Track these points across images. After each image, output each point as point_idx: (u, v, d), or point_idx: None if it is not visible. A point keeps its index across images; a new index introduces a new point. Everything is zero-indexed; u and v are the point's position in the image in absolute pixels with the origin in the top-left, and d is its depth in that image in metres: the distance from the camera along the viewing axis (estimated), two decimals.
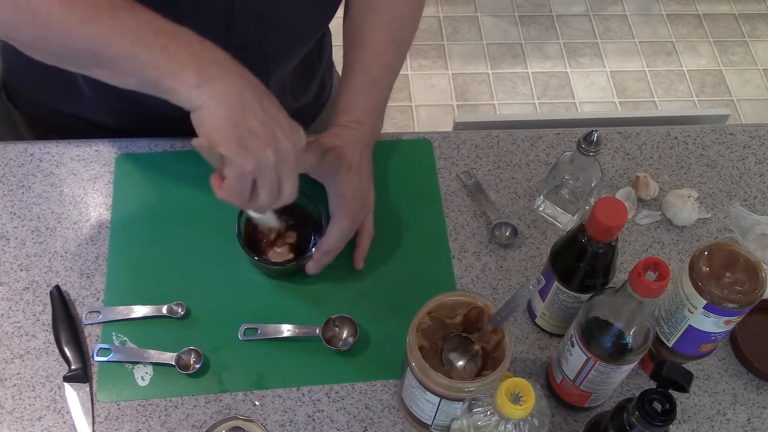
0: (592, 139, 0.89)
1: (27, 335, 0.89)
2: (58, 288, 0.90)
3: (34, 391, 0.85)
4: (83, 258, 0.94)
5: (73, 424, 0.83)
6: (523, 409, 0.65)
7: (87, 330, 0.89)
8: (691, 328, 0.83)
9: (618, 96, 2.56)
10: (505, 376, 0.73)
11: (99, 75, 0.75)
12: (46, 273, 0.93)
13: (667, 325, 0.86)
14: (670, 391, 0.69)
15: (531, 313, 0.94)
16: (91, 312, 0.90)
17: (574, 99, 2.54)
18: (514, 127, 1.12)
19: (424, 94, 2.50)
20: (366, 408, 0.87)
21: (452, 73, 2.56)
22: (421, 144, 1.08)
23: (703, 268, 0.79)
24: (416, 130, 2.34)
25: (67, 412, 0.84)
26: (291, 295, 0.94)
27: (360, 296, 0.94)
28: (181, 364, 0.87)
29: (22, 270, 0.93)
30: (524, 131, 1.11)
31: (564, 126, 1.13)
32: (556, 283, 0.84)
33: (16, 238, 0.95)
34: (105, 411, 0.85)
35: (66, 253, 0.94)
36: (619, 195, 1.04)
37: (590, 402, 0.85)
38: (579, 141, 0.90)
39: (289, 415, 0.86)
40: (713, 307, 0.79)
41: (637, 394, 0.69)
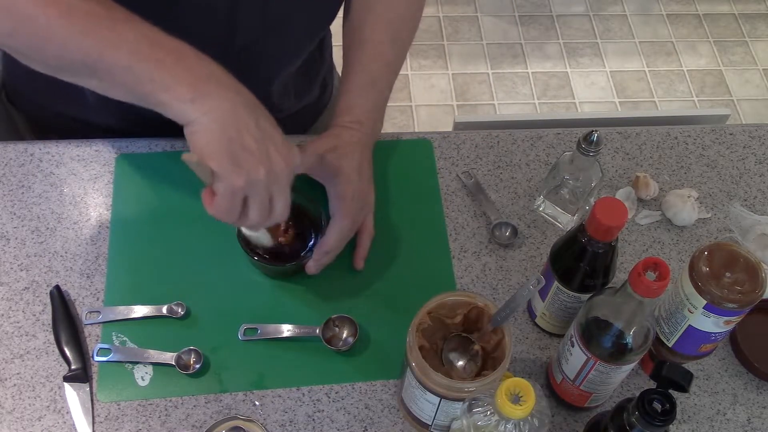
0: (592, 139, 0.89)
1: (27, 335, 0.89)
2: (58, 288, 0.90)
3: (34, 391, 0.85)
4: (83, 258, 0.94)
5: (73, 424, 0.83)
6: (523, 409, 0.65)
7: (87, 330, 0.89)
8: (691, 328, 0.83)
9: (618, 96, 2.56)
10: (505, 376, 0.73)
11: (94, 86, 0.74)
12: (46, 273, 0.93)
13: (667, 325, 0.86)
14: (670, 391, 0.69)
15: (531, 313, 0.94)
16: (91, 312, 0.90)
17: (574, 99, 2.54)
18: (514, 127, 1.12)
19: (424, 94, 2.50)
20: (366, 408, 0.87)
21: (452, 73, 2.56)
22: (421, 144, 1.08)
23: (703, 268, 0.79)
24: (416, 130, 2.34)
25: (67, 412, 0.84)
26: (291, 295, 0.94)
27: (360, 296, 0.94)
28: (181, 364, 0.87)
29: (22, 270, 0.93)
30: (524, 131, 1.11)
31: (564, 126, 1.13)
32: (556, 283, 0.84)
33: (16, 238, 0.95)
34: (105, 411, 0.85)
35: (66, 253, 0.94)
36: (619, 195, 1.04)
37: (590, 402, 0.85)
38: (579, 141, 0.90)
39: (289, 415, 0.86)
40: (713, 307, 0.79)
41: (637, 394, 0.69)
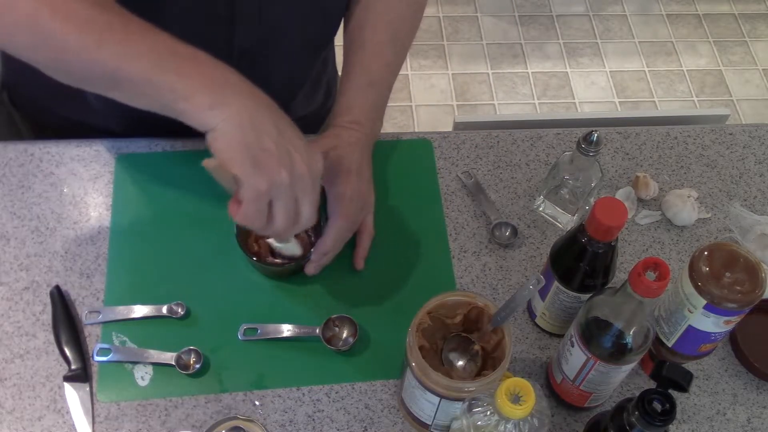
0: (592, 139, 0.89)
1: (27, 335, 0.89)
2: (58, 288, 0.90)
3: (34, 391, 0.85)
4: (83, 258, 0.94)
5: (73, 424, 0.83)
6: (523, 409, 0.65)
7: (87, 330, 0.89)
8: (691, 328, 0.83)
9: (618, 96, 2.56)
10: (505, 376, 0.73)
11: (116, 96, 0.75)
12: (46, 273, 0.93)
13: (667, 325, 0.86)
14: (670, 391, 0.69)
15: (531, 313, 0.94)
16: (91, 312, 0.90)
17: (574, 99, 2.54)
18: (514, 127, 1.12)
19: (424, 94, 2.50)
20: (366, 408, 0.87)
21: (452, 73, 2.56)
22: (421, 144, 1.08)
23: (703, 268, 0.79)
24: (416, 130, 2.34)
25: (67, 412, 0.84)
26: (291, 295, 0.94)
27: (360, 296, 0.94)
28: (181, 364, 0.87)
29: (22, 270, 0.93)
30: (524, 131, 1.11)
31: (564, 126, 1.13)
32: (556, 283, 0.84)
33: (16, 238, 0.95)
34: (105, 411, 0.85)
35: (66, 253, 0.94)
36: (619, 195, 1.04)
37: (590, 402, 0.85)
38: (579, 141, 0.90)
39: (289, 415, 0.86)
40: (713, 307, 0.79)
41: (637, 394, 0.69)
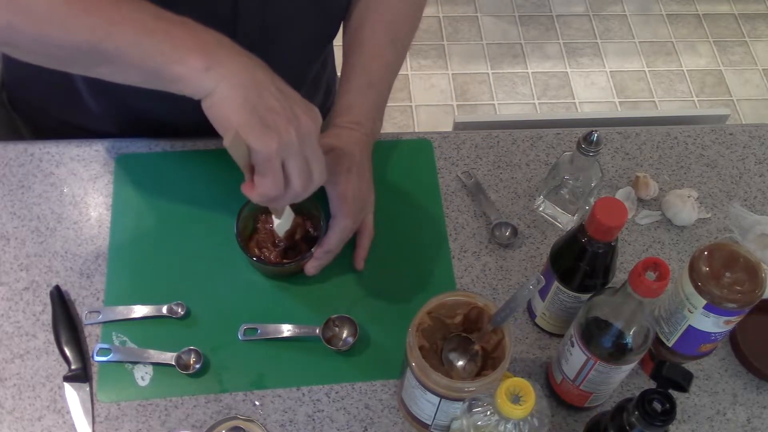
0: (592, 139, 0.89)
1: (27, 335, 0.89)
2: (58, 288, 0.90)
3: (34, 391, 0.85)
4: (83, 258, 0.94)
5: (73, 424, 0.83)
6: (523, 409, 0.65)
7: (87, 330, 0.89)
8: (691, 328, 0.83)
9: (618, 96, 2.56)
10: (505, 376, 0.73)
11: (102, 72, 0.73)
12: (46, 273, 0.93)
13: (667, 325, 0.86)
14: (670, 391, 0.69)
15: (531, 313, 0.94)
16: (91, 312, 0.90)
17: (574, 99, 2.54)
18: (514, 127, 1.12)
19: (424, 94, 2.50)
20: (366, 408, 0.87)
21: (452, 73, 2.56)
22: (421, 144, 1.08)
23: (703, 268, 0.79)
24: (416, 130, 2.34)
25: (67, 412, 0.84)
26: (291, 295, 0.94)
27: (360, 296, 0.94)
28: (181, 364, 0.87)
29: (22, 270, 0.93)
30: (524, 131, 1.11)
31: (564, 126, 1.13)
32: (556, 283, 0.84)
33: (16, 238, 0.95)
34: (105, 411, 0.85)
35: (66, 253, 0.94)
36: (619, 195, 1.04)
37: (590, 402, 0.85)
38: (579, 141, 0.90)
39: (289, 415, 0.86)
40: (713, 307, 0.79)
41: (637, 394, 0.69)
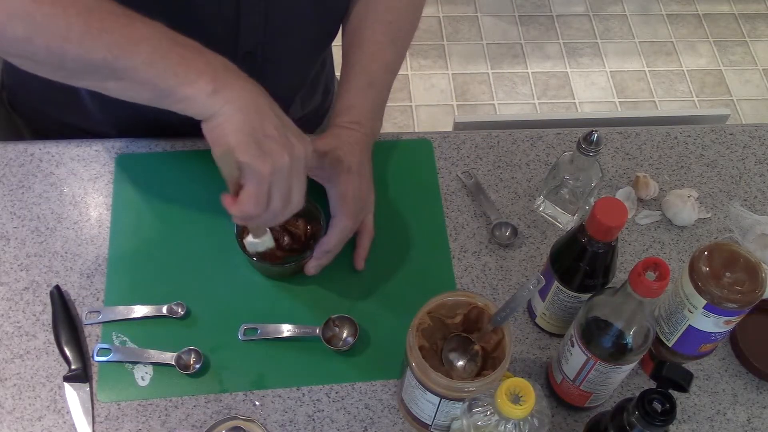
0: (592, 139, 0.89)
1: (27, 335, 0.89)
2: (58, 288, 0.90)
3: (34, 391, 0.85)
4: (83, 258, 0.94)
5: (73, 424, 0.83)
6: (523, 409, 0.65)
7: (87, 330, 0.89)
8: (691, 328, 0.83)
9: (618, 96, 2.56)
10: (505, 376, 0.73)
11: (112, 88, 0.74)
12: (46, 273, 0.93)
13: (667, 325, 0.86)
14: (670, 391, 0.69)
15: (531, 313, 0.94)
16: (91, 312, 0.90)
17: (574, 99, 2.54)
18: (514, 127, 1.12)
19: (424, 94, 2.50)
20: (366, 408, 0.87)
21: (452, 73, 2.56)
22: (421, 144, 1.08)
23: (703, 268, 0.79)
24: (416, 130, 2.34)
25: (67, 412, 0.84)
26: (291, 295, 0.94)
27: (360, 296, 0.94)
28: (181, 364, 0.87)
29: (22, 270, 0.93)
30: (524, 131, 1.11)
31: (564, 126, 1.13)
32: (556, 283, 0.84)
33: (16, 238, 0.95)
34: (105, 411, 0.85)
35: (66, 253, 0.94)
36: (619, 195, 1.04)
37: (590, 402, 0.85)
38: (579, 141, 0.90)
39: (289, 415, 0.86)
40: (713, 307, 0.79)
41: (637, 394, 0.69)
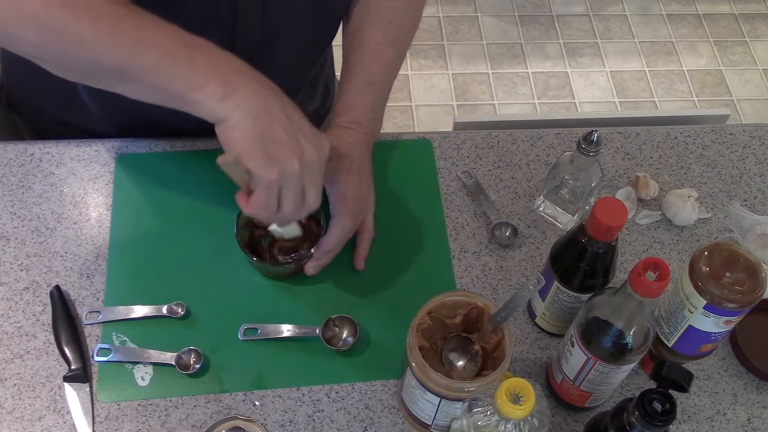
0: (592, 139, 0.89)
1: (27, 335, 0.89)
2: (58, 288, 0.90)
3: (34, 391, 0.85)
4: (83, 258, 0.94)
5: (73, 424, 0.83)
6: (523, 409, 0.65)
7: (87, 330, 0.89)
8: (691, 328, 0.83)
9: (618, 96, 2.56)
10: (505, 376, 0.73)
11: (123, 90, 0.74)
12: (46, 273, 0.93)
13: (667, 325, 0.86)
14: (670, 391, 0.69)
15: (531, 313, 0.94)
16: (91, 312, 0.90)
17: (574, 99, 2.54)
18: (514, 127, 1.12)
19: (424, 94, 2.50)
20: (366, 408, 0.87)
21: (452, 73, 2.56)
22: (421, 144, 1.08)
23: (703, 268, 0.79)
24: (416, 130, 2.34)
25: (67, 412, 0.84)
26: (291, 295, 0.94)
27: (360, 296, 0.94)
28: (181, 364, 0.87)
29: (22, 270, 0.93)
30: (524, 131, 1.11)
31: (564, 126, 1.13)
32: (556, 283, 0.84)
33: (16, 238, 0.95)
34: (105, 411, 0.85)
35: (66, 253, 0.94)
36: (619, 195, 1.04)
37: (590, 402, 0.85)
38: (579, 141, 0.90)
39: (289, 415, 0.86)
40: (713, 307, 0.79)
41: (637, 394, 0.69)
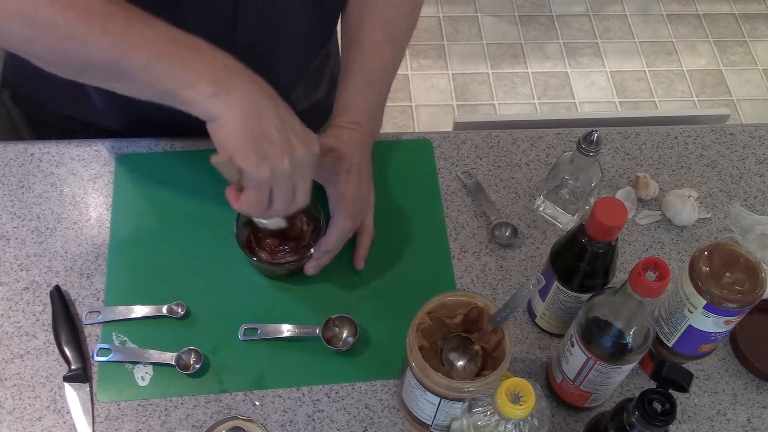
0: (592, 139, 0.89)
1: (27, 335, 0.89)
2: (58, 288, 0.90)
3: (34, 391, 0.85)
4: (83, 258, 0.94)
5: (73, 424, 0.83)
6: (523, 409, 0.65)
7: (87, 330, 0.89)
8: (691, 328, 0.83)
9: (618, 96, 2.56)
10: (505, 376, 0.73)
11: (115, 87, 0.74)
12: (46, 273, 0.93)
13: (667, 325, 0.86)
14: (670, 391, 0.69)
15: (531, 313, 0.94)
16: (91, 312, 0.90)
17: (574, 99, 2.54)
18: (514, 127, 1.12)
19: (424, 94, 2.50)
20: (366, 408, 0.87)
21: (452, 73, 2.56)
22: (421, 144, 1.08)
23: (703, 268, 0.79)
24: (416, 130, 2.34)
25: (67, 412, 0.84)
26: (291, 295, 0.94)
27: (360, 296, 0.94)
28: (181, 364, 0.87)
29: (22, 270, 0.93)
30: (524, 131, 1.11)
31: (564, 126, 1.13)
32: (556, 283, 0.84)
33: (16, 238, 0.95)
34: (105, 411, 0.85)
35: (66, 253, 0.94)
36: (619, 195, 1.04)
37: (590, 402, 0.85)
38: (579, 141, 0.90)
39: (289, 415, 0.86)
40: (713, 307, 0.79)
41: (637, 394, 0.69)
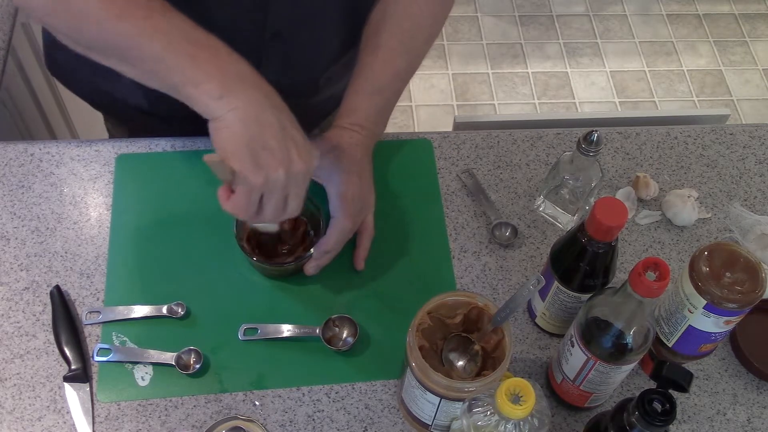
0: (592, 139, 0.89)
1: (27, 335, 0.89)
2: (58, 288, 0.90)
3: (34, 391, 0.85)
4: (83, 258, 0.94)
5: (73, 424, 0.83)
6: (523, 409, 0.65)
7: (87, 330, 0.89)
8: (691, 328, 0.83)
9: (618, 96, 2.56)
10: (505, 376, 0.73)
11: (123, 70, 0.76)
12: (46, 273, 0.93)
13: (667, 325, 0.86)
14: (670, 391, 0.69)
15: (531, 313, 0.94)
16: (91, 312, 0.90)
17: (574, 99, 2.54)
18: (514, 127, 1.12)
19: (424, 94, 2.50)
20: (366, 408, 0.87)
21: (452, 73, 2.56)
22: (421, 144, 1.08)
23: (703, 268, 0.79)
24: (416, 130, 2.34)
25: (67, 412, 0.84)
26: (291, 295, 0.94)
27: (360, 296, 0.94)
28: (181, 364, 0.87)
29: (22, 270, 0.93)
30: (524, 131, 1.11)
31: (564, 126, 1.13)
32: (556, 283, 0.84)
33: (16, 238, 0.95)
34: (105, 411, 0.85)
35: (66, 253, 0.94)
36: (619, 195, 1.04)
37: (590, 402, 0.85)
38: (579, 141, 0.90)
39: (289, 415, 0.86)
40: (713, 307, 0.79)
41: (637, 394, 0.69)
